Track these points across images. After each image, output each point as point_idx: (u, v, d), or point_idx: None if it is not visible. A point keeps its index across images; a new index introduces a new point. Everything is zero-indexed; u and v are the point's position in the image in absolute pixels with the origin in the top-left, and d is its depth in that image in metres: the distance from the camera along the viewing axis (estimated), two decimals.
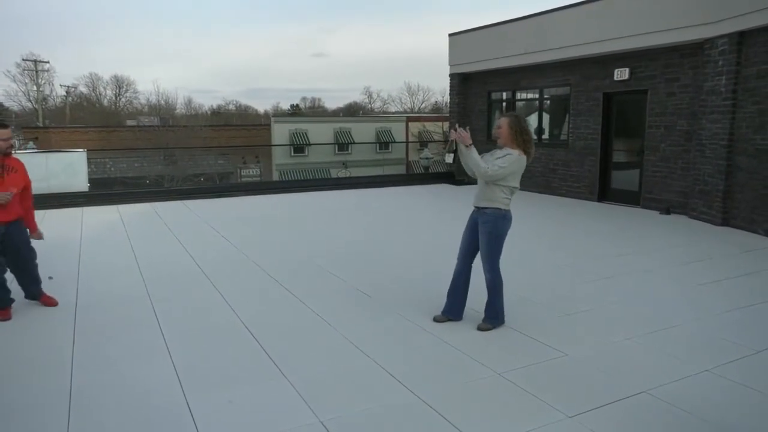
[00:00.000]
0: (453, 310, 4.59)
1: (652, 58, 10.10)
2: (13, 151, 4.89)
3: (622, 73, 10.65)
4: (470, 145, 4.18)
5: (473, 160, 4.20)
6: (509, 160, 4.19)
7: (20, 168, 4.91)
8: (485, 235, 4.34)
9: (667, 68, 9.91)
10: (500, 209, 4.30)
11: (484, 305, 4.49)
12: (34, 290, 5.06)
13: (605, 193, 11.42)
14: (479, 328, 4.39)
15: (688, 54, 9.50)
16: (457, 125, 4.42)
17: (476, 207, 4.42)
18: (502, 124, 4.31)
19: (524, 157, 4.27)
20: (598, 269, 6.19)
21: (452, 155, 4.28)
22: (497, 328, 4.41)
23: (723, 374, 3.63)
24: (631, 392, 3.39)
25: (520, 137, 4.27)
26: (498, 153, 4.31)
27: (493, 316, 4.44)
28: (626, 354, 3.97)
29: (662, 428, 3.02)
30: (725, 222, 8.71)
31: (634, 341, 4.19)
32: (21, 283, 5.01)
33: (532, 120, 13.51)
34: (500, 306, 4.45)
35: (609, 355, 3.96)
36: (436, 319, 4.59)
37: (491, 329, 4.39)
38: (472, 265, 4.57)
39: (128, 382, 3.57)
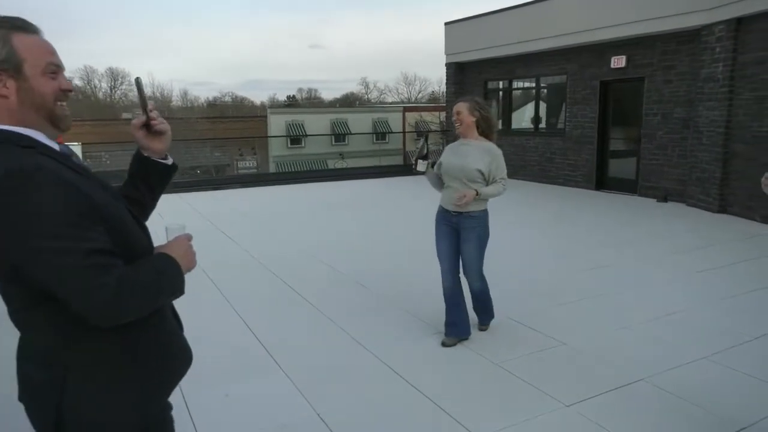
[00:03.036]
0: (461, 329, 3.99)
1: (649, 46, 10.05)
2: None
3: (618, 61, 10.59)
4: (478, 193, 3.69)
5: (490, 194, 3.74)
6: (502, 161, 3.79)
7: None
8: (476, 240, 3.82)
9: (664, 56, 9.86)
10: (486, 209, 3.89)
11: (477, 312, 4.19)
12: None
13: (603, 182, 11.40)
14: (481, 329, 4.19)
15: (685, 41, 9.45)
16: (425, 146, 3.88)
17: (456, 212, 3.81)
18: (460, 109, 3.76)
19: None
20: (596, 257, 6.18)
21: (425, 163, 3.78)
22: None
23: (721, 361, 3.63)
24: (628, 380, 3.38)
25: (482, 124, 3.80)
26: (473, 152, 3.74)
27: (490, 316, 4.22)
28: (623, 342, 3.97)
29: (660, 416, 3.02)
30: (722, 209, 8.71)
31: (631, 329, 4.18)
32: None
33: (529, 109, 13.47)
34: (492, 305, 4.20)
35: (606, 343, 3.95)
36: (444, 344, 3.93)
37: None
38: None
39: None
